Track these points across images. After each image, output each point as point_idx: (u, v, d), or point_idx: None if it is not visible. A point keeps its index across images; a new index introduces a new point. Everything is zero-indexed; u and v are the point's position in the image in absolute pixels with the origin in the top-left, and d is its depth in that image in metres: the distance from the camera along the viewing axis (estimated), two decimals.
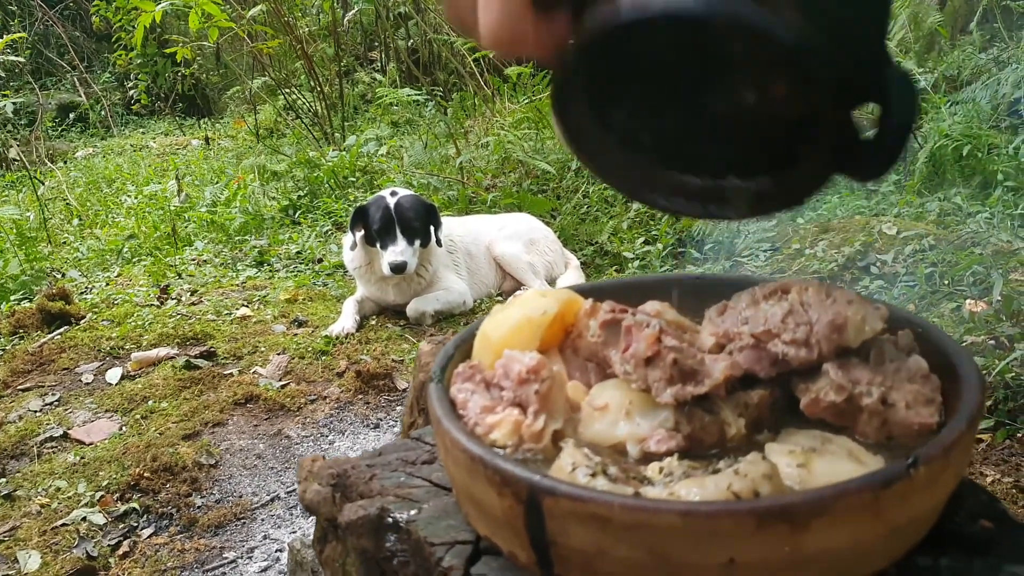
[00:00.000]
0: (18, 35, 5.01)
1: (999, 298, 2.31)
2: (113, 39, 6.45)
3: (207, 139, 5.82)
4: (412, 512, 0.61)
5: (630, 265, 3.10)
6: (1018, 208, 2.89)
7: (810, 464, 0.52)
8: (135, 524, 1.82)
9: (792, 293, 0.63)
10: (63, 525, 1.80)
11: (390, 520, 0.60)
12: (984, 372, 2.10)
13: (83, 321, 2.91)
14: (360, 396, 2.36)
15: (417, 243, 2.86)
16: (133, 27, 4.37)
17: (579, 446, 0.55)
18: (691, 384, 0.56)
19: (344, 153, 4.41)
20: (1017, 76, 3.54)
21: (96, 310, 3.02)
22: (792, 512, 0.45)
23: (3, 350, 2.73)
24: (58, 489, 1.93)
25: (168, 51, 4.83)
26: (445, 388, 0.62)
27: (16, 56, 5.56)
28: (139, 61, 6.58)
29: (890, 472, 0.47)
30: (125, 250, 3.83)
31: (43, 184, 4.55)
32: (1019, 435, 1.95)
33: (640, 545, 0.47)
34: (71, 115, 6.82)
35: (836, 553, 0.47)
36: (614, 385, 0.61)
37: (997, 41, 3.88)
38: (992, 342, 2.24)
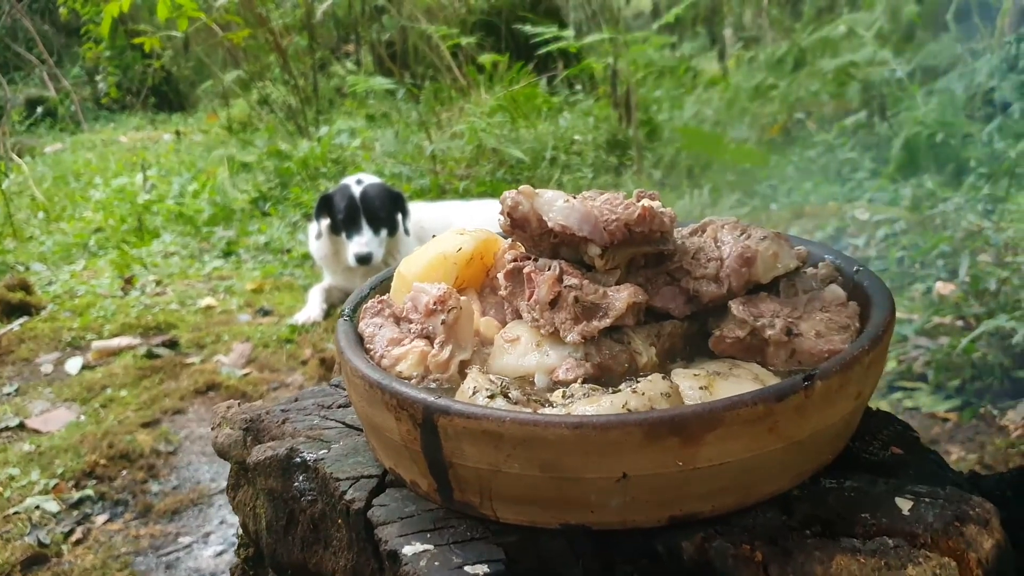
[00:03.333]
0: None
1: (967, 279, 2.33)
2: (82, 32, 6.33)
3: (178, 133, 5.74)
4: (321, 452, 0.59)
5: None
6: (985, 189, 2.91)
7: (713, 386, 0.51)
8: (89, 511, 1.79)
9: (708, 230, 0.63)
10: (15, 513, 1.76)
11: (298, 460, 0.59)
12: (950, 352, 2.13)
13: (44, 312, 2.85)
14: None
15: (384, 233, 2.83)
16: (102, 19, 4.29)
17: (484, 372, 0.54)
18: (596, 319, 0.55)
19: (315, 144, 4.37)
20: (992, 66, 3.57)
21: (58, 301, 2.97)
22: (682, 424, 0.44)
23: None
24: (11, 477, 1.89)
25: (136, 41, 4.74)
26: (354, 324, 0.60)
27: None
28: (108, 54, 6.46)
29: (784, 386, 0.47)
30: (91, 243, 3.77)
31: (7, 178, 4.46)
32: (981, 411, 1.97)
33: (533, 461, 0.46)
34: (39, 109, 6.69)
35: (732, 469, 0.46)
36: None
37: (973, 32, 3.91)
38: (960, 322, 2.26)
